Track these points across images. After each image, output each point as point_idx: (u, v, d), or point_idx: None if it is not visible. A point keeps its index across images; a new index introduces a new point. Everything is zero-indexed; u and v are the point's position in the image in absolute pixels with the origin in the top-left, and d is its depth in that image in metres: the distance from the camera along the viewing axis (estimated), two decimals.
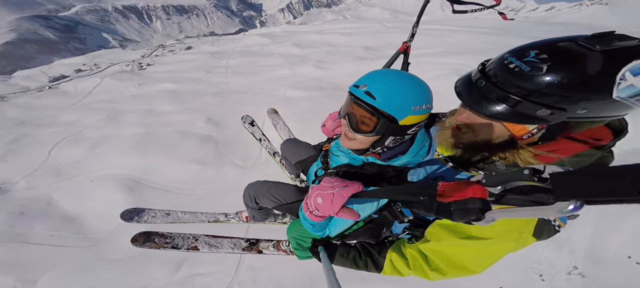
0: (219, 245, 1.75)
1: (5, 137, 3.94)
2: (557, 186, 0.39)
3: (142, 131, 3.61)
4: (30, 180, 3.06)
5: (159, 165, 2.94)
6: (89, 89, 6.28)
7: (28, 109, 5.31)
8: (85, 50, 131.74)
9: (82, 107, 5.24)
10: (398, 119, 0.79)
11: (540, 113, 0.50)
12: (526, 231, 0.63)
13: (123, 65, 8.81)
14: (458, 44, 5.45)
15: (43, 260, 2.06)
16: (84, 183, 2.87)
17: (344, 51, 6.16)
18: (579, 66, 0.46)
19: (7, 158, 3.50)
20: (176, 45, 11.71)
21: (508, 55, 0.55)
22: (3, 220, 2.36)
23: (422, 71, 4.29)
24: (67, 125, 4.36)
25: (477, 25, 8.25)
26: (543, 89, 0.49)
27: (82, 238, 2.18)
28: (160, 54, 10.10)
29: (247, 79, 5.39)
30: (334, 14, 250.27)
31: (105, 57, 11.08)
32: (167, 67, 7.33)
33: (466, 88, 0.62)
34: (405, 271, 0.80)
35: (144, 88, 5.77)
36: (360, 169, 0.96)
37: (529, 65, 0.50)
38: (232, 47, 9.01)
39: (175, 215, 2.03)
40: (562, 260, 1.64)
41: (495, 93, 0.55)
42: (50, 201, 2.67)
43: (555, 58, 0.48)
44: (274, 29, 11.64)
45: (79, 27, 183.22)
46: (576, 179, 0.37)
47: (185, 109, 4.18)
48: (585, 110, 0.48)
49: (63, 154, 3.50)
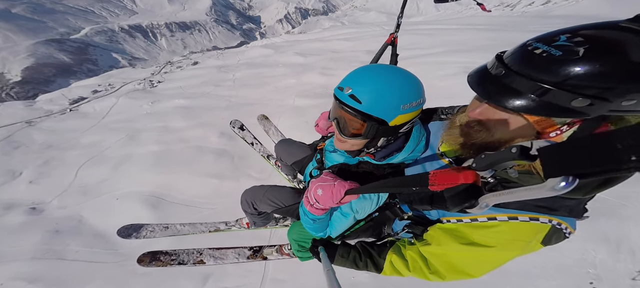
0: (223, 256, 1.74)
1: (37, 161, 4.23)
2: (545, 162, 0.35)
3: (159, 149, 3.80)
4: (61, 200, 3.28)
5: (178, 181, 3.10)
6: (106, 110, 6.60)
7: (53, 132, 5.65)
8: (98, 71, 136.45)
9: (102, 127, 5.53)
10: (387, 121, 0.75)
11: (576, 103, 0.42)
12: (535, 240, 0.60)
13: (135, 83, 9.20)
14: (463, 42, 5.45)
15: (79, 275, 2.22)
16: (110, 201, 3.06)
17: (348, 57, 6.26)
18: (629, 49, 0.38)
19: (39, 180, 3.76)
20: (183, 61, 12.10)
21: (532, 42, 0.48)
22: (41, 239, 2.55)
23: (429, 71, 4.33)
24: (90, 146, 4.62)
25: (476, 23, 8.20)
26: (580, 75, 0.40)
27: (114, 254, 2.34)
28: (169, 71, 10.48)
29: (255, 90, 5.56)
30: (331, 20, 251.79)
31: (118, 77, 11.57)
32: (177, 83, 7.62)
33: (481, 79, 0.55)
34: (405, 272, 0.80)
35: (157, 105, 6.04)
36: (355, 168, 0.94)
37: (561, 49, 0.42)
38: (236, 59, 9.26)
39: (175, 228, 2.03)
40: (622, 263, 1.49)
41: (519, 82, 0.47)
42: (81, 219, 2.86)
43: (595, 40, 0.40)
44: (275, 39, 11.87)
45: (90, 49, 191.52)
46: (565, 152, 0.32)
47: (198, 124, 4.37)
48: (634, 101, 0.39)
49: (89, 174, 3.73)
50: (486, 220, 0.63)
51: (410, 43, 6.12)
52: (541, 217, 0.58)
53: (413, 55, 5.04)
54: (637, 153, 0.25)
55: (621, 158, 0.26)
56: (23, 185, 3.71)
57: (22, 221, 2.90)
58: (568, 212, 0.58)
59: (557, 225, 0.59)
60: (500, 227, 0.62)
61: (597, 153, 0.28)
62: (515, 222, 0.60)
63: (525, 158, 0.39)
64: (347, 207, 0.88)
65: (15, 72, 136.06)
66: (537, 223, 0.59)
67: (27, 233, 2.67)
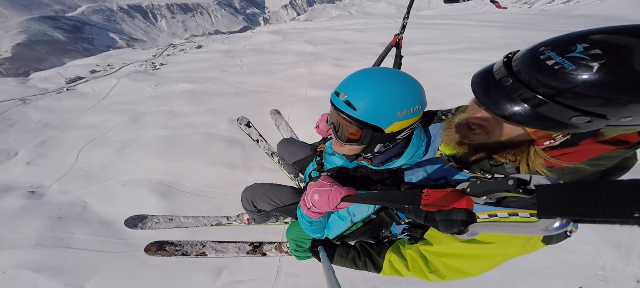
0: (225, 250, 1.80)
1: (34, 141, 4.02)
2: (542, 201, 0.34)
3: (166, 134, 3.62)
4: (62, 184, 3.10)
5: (188, 168, 2.94)
6: (107, 91, 6.34)
7: (50, 112, 5.40)
8: (95, 51, 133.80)
9: (103, 109, 5.30)
10: (383, 128, 0.74)
11: (576, 121, 0.42)
12: (535, 238, 0.59)
13: (136, 65, 8.88)
14: (481, 39, 5.27)
15: (87, 265, 2.09)
16: (116, 187, 2.90)
17: (362, 48, 6.04)
18: None
19: (37, 162, 3.57)
20: (187, 45, 11.74)
21: (546, 50, 0.45)
22: (44, 226, 2.40)
23: (448, 68, 4.14)
24: (90, 128, 4.41)
25: (492, 20, 7.99)
26: (588, 92, 0.40)
27: (124, 243, 2.20)
28: (172, 54, 10.14)
29: (264, 78, 5.35)
30: (339, 10, 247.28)
31: (117, 58, 11.20)
32: (181, 67, 7.35)
33: (485, 84, 0.54)
34: (404, 272, 0.80)
35: (161, 89, 5.80)
36: (354, 172, 0.94)
37: (575, 62, 0.40)
38: (243, 45, 8.97)
39: (179, 221, 2.09)
40: (630, 267, 1.55)
41: (524, 94, 0.46)
42: (86, 205, 2.71)
43: (613, 56, 0.38)
44: (283, 26, 11.55)
45: (87, 28, 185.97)
46: (564, 194, 0.31)
47: (206, 110, 4.18)
48: (632, 117, 0.40)
49: (91, 157, 3.54)
50: (487, 217, 0.63)
51: (427, 38, 5.92)
52: None
53: (431, 51, 4.85)
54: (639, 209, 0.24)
55: (623, 213, 0.25)
56: (20, 167, 3.51)
57: (21, 205, 2.73)
58: None
59: (531, 235, 0.58)
60: None
61: (597, 203, 0.28)
62: (515, 218, 0.60)
63: (524, 192, 0.39)
64: (345, 211, 0.89)
65: (6, 48, 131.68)
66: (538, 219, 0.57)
67: (28, 219, 2.51)
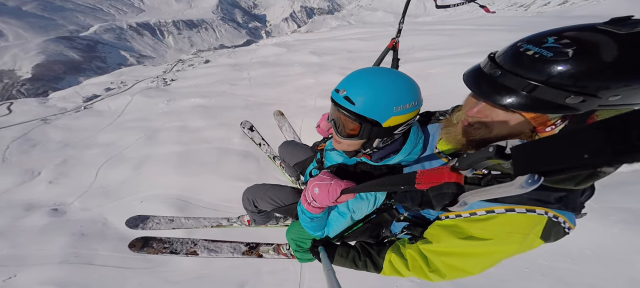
0: (218, 249, 1.75)
1: (55, 160, 4.19)
2: (515, 161, 0.37)
3: (181, 149, 3.72)
4: (83, 201, 3.21)
5: (203, 183, 3.00)
6: (122, 108, 6.58)
7: (69, 131, 5.64)
8: (107, 69, 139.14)
9: (118, 126, 5.49)
10: (380, 122, 0.78)
11: (570, 101, 0.46)
12: (533, 233, 0.60)
13: (148, 81, 9.21)
14: (486, 43, 5.26)
15: (110, 281, 2.13)
16: (134, 203, 2.98)
17: (366, 56, 6.11)
18: (612, 49, 0.42)
19: (59, 180, 3.71)
20: (194, 60, 12.12)
21: (522, 44, 0.51)
22: (68, 242, 2.48)
23: (457, 73, 4.13)
24: (107, 145, 4.57)
25: (493, 23, 7.96)
26: (572, 74, 0.44)
27: (144, 260, 2.25)
28: (181, 69, 10.48)
29: (272, 90, 5.46)
30: (338, 20, 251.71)
31: (129, 75, 11.64)
32: (191, 82, 7.57)
33: (476, 79, 0.58)
34: (404, 272, 0.80)
35: (173, 104, 5.98)
36: (353, 168, 0.97)
37: (551, 50, 0.46)
38: (249, 58, 9.19)
39: (179, 221, 2.11)
40: None
41: (515, 81, 0.50)
42: (106, 222, 2.79)
43: (582, 42, 0.44)
44: (286, 38, 11.78)
45: (99, 46, 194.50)
46: (536, 150, 0.33)
47: (218, 124, 4.28)
48: (619, 96, 0.44)
49: (109, 175, 3.66)
50: (485, 214, 0.64)
51: (433, 43, 5.95)
52: (537, 209, 0.59)
53: (438, 57, 4.87)
54: (591, 153, 0.26)
55: (579, 157, 0.27)
56: (43, 185, 3.66)
57: (45, 223, 2.84)
58: (562, 204, 0.58)
59: (554, 218, 0.59)
60: (497, 219, 0.63)
61: (560, 152, 0.29)
62: (512, 214, 0.61)
63: (501, 157, 0.41)
64: (344, 207, 0.90)
65: (26, 69, 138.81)
66: (534, 215, 0.60)
67: (52, 236, 2.60)
